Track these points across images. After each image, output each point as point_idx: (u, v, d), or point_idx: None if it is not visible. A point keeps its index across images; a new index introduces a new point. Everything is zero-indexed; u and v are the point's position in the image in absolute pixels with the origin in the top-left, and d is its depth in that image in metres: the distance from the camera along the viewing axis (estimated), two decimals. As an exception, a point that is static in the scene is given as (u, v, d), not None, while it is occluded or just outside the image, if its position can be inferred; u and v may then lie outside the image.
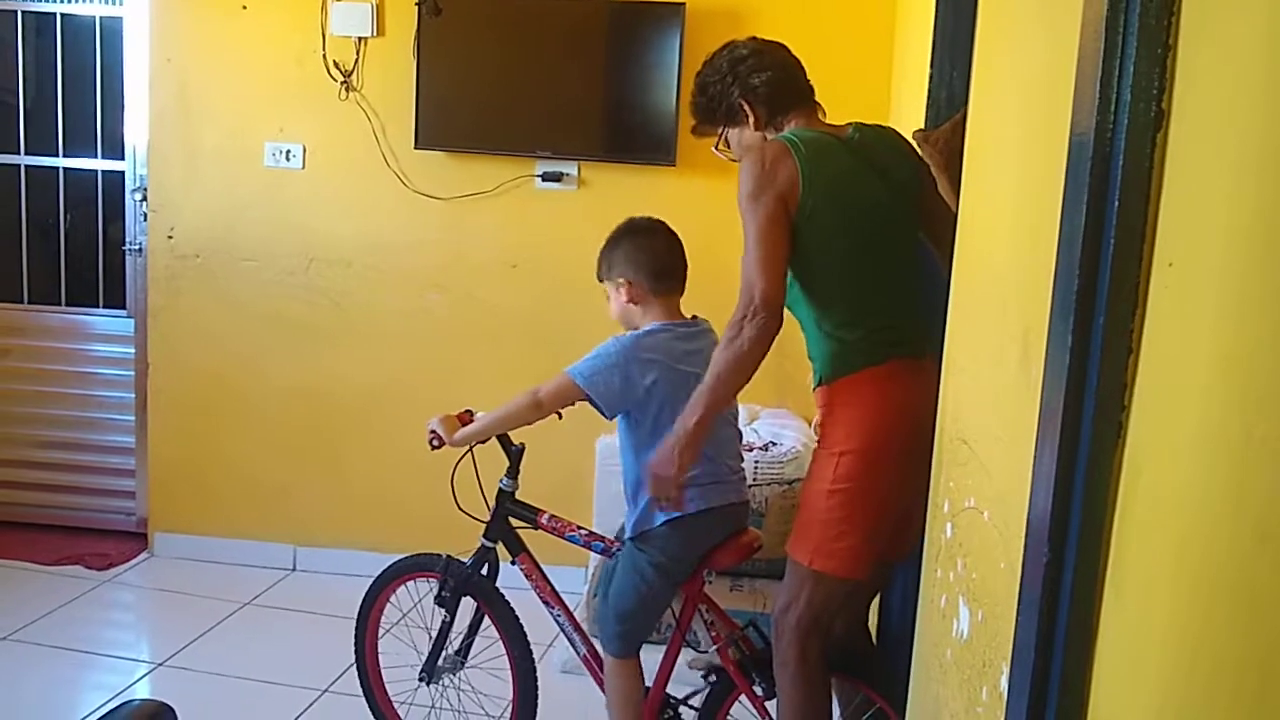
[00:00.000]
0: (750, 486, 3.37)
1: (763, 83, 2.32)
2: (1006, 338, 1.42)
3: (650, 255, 2.52)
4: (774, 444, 3.50)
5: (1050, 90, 1.27)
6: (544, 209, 3.98)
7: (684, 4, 3.71)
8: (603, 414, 2.49)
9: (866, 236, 2.20)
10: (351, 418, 4.17)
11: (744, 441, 3.50)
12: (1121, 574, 1.01)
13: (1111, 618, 1.02)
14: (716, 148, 2.42)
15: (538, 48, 3.88)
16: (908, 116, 3.12)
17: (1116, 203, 1.01)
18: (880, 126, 2.37)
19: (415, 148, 3.95)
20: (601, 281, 2.60)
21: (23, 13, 4.31)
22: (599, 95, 4.00)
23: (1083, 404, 1.06)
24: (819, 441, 2.25)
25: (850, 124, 2.31)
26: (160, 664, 3.47)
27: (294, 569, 4.26)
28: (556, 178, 3.96)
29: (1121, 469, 1.02)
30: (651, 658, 2.62)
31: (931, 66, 2.64)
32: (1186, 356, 0.89)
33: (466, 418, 2.63)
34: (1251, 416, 0.76)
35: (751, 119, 2.32)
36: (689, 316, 2.59)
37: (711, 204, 3.84)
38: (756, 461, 3.42)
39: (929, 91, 2.64)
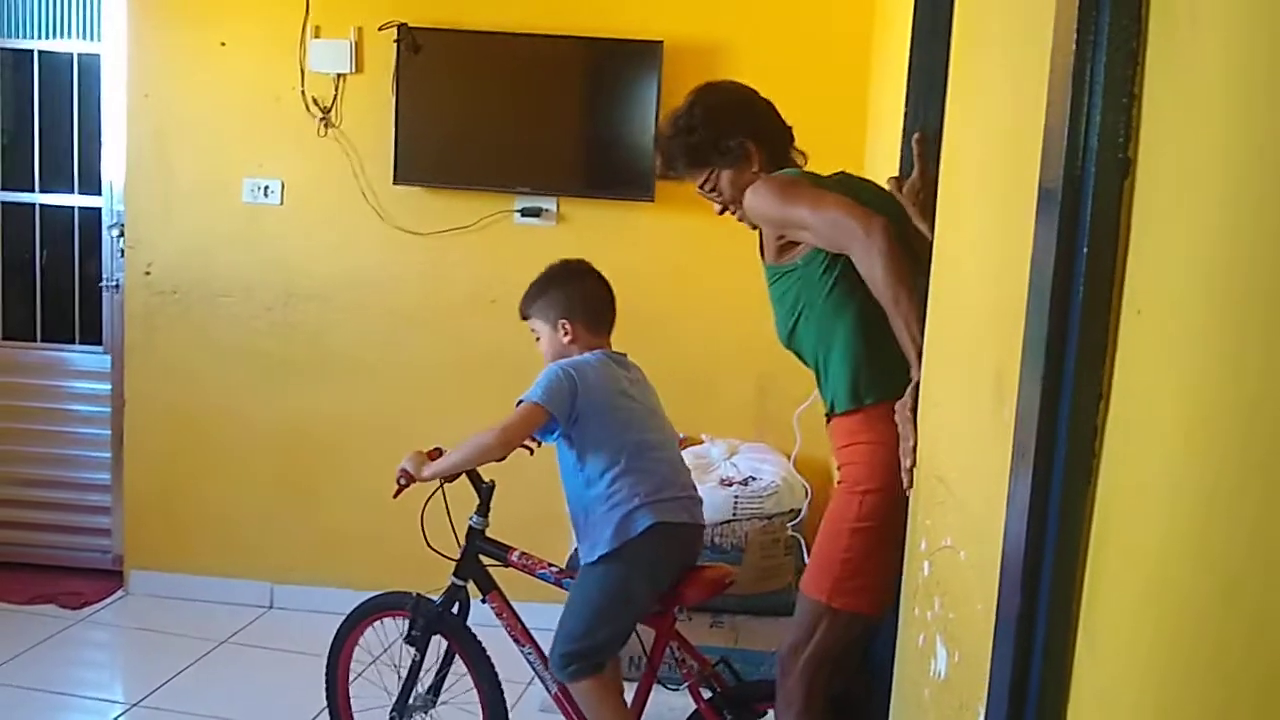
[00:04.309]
0: (729, 522, 3.39)
1: (765, 124, 2.35)
2: (980, 377, 1.43)
3: (591, 298, 2.68)
4: (753, 479, 3.50)
5: (1020, 135, 1.28)
6: (523, 244, 3.99)
7: (662, 42, 3.74)
8: (560, 430, 2.54)
9: None
10: (330, 454, 4.15)
11: (723, 476, 3.52)
12: (1094, 620, 1.01)
13: (1085, 664, 1.03)
14: (702, 188, 2.39)
15: (516, 84, 3.89)
16: (883, 155, 3.15)
17: (1085, 249, 1.02)
18: (863, 177, 2.43)
19: (394, 183, 3.95)
20: (527, 319, 2.72)
21: None
22: (578, 132, 4.02)
23: (1054, 448, 1.07)
24: (839, 480, 2.24)
25: (838, 171, 2.37)
26: (135, 704, 3.42)
27: (271, 607, 4.22)
28: (535, 213, 3.97)
29: (1093, 514, 1.03)
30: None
31: (907, 105, 2.66)
32: (1155, 405, 0.90)
33: (436, 455, 2.64)
34: (1215, 470, 0.76)
35: (756, 159, 2.33)
36: (619, 353, 2.71)
37: (689, 239, 3.86)
38: (736, 497, 3.42)
39: (904, 130, 2.66)
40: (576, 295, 2.67)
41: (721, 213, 2.41)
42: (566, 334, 2.63)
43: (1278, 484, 0.68)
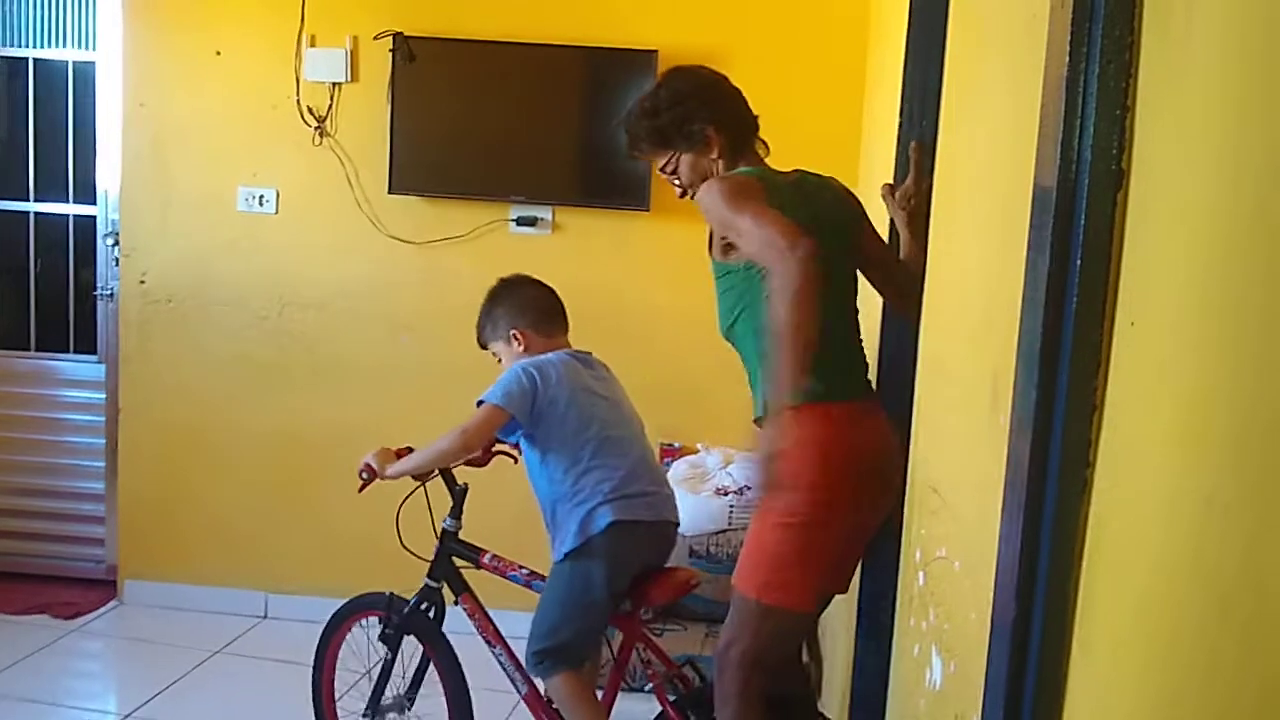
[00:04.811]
0: (725, 531, 3.39)
1: (728, 111, 2.34)
2: (974, 387, 1.43)
3: (533, 301, 2.73)
4: (748, 488, 3.49)
5: (1015, 145, 1.28)
6: (518, 253, 3.97)
7: (656, 51, 3.75)
8: (523, 430, 2.57)
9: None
10: (324, 463, 4.13)
11: (718, 486, 3.52)
12: (1089, 630, 1.01)
13: (1080, 674, 1.02)
14: (664, 169, 2.39)
15: (511, 93, 3.90)
16: (878, 163, 3.15)
17: (1079, 261, 1.02)
18: (821, 175, 2.40)
19: (389, 192, 3.95)
20: (486, 347, 2.77)
21: (-5, 58, 4.31)
22: (573, 141, 4.02)
23: (1048, 458, 1.07)
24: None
25: (795, 170, 2.35)
26: (128, 715, 3.40)
27: (266, 616, 4.20)
28: (531, 222, 3.97)
29: (1087, 524, 1.02)
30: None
31: (901, 114, 2.66)
32: (1149, 417, 0.90)
33: (404, 453, 2.66)
34: (1209, 483, 0.76)
35: (716, 146, 2.31)
36: (584, 351, 2.74)
37: (684, 248, 3.85)
38: (731, 506, 3.42)
39: (898, 139, 2.66)
40: (519, 303, 2.73)
41: (682, 196, 2.40)
42: (519, 343, 2.68)
43: (1272, 495, 0.68)
